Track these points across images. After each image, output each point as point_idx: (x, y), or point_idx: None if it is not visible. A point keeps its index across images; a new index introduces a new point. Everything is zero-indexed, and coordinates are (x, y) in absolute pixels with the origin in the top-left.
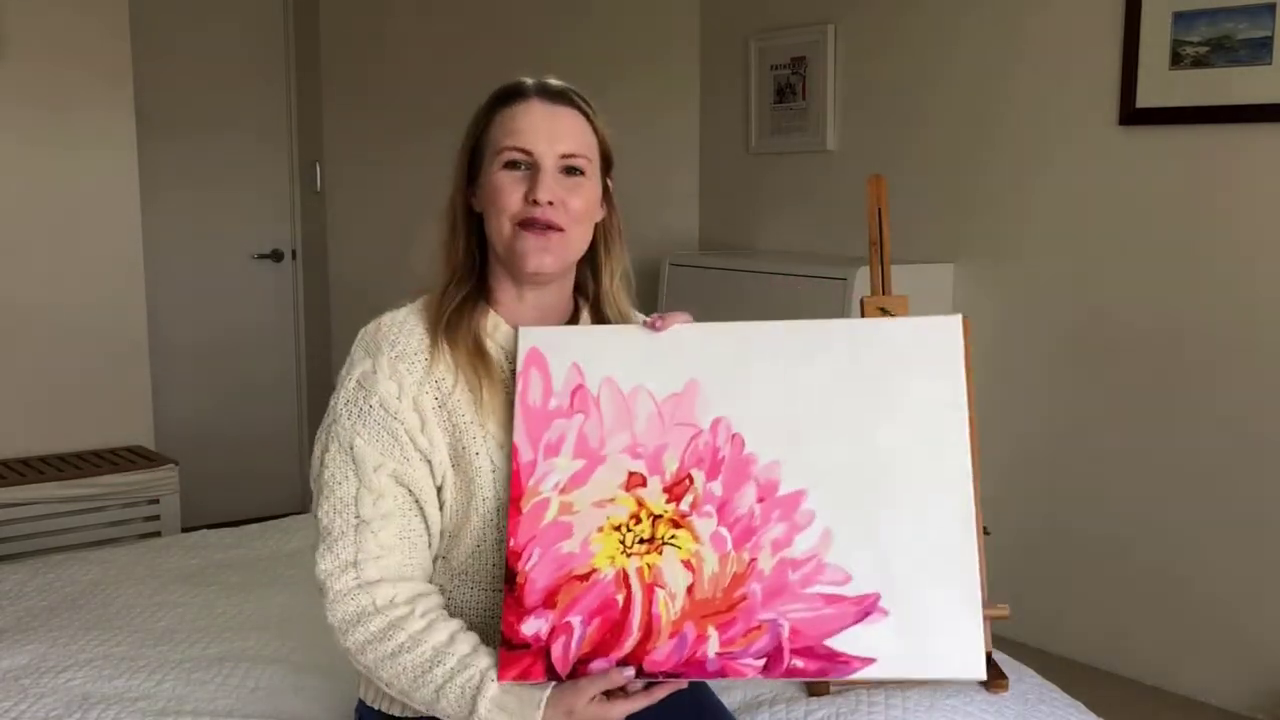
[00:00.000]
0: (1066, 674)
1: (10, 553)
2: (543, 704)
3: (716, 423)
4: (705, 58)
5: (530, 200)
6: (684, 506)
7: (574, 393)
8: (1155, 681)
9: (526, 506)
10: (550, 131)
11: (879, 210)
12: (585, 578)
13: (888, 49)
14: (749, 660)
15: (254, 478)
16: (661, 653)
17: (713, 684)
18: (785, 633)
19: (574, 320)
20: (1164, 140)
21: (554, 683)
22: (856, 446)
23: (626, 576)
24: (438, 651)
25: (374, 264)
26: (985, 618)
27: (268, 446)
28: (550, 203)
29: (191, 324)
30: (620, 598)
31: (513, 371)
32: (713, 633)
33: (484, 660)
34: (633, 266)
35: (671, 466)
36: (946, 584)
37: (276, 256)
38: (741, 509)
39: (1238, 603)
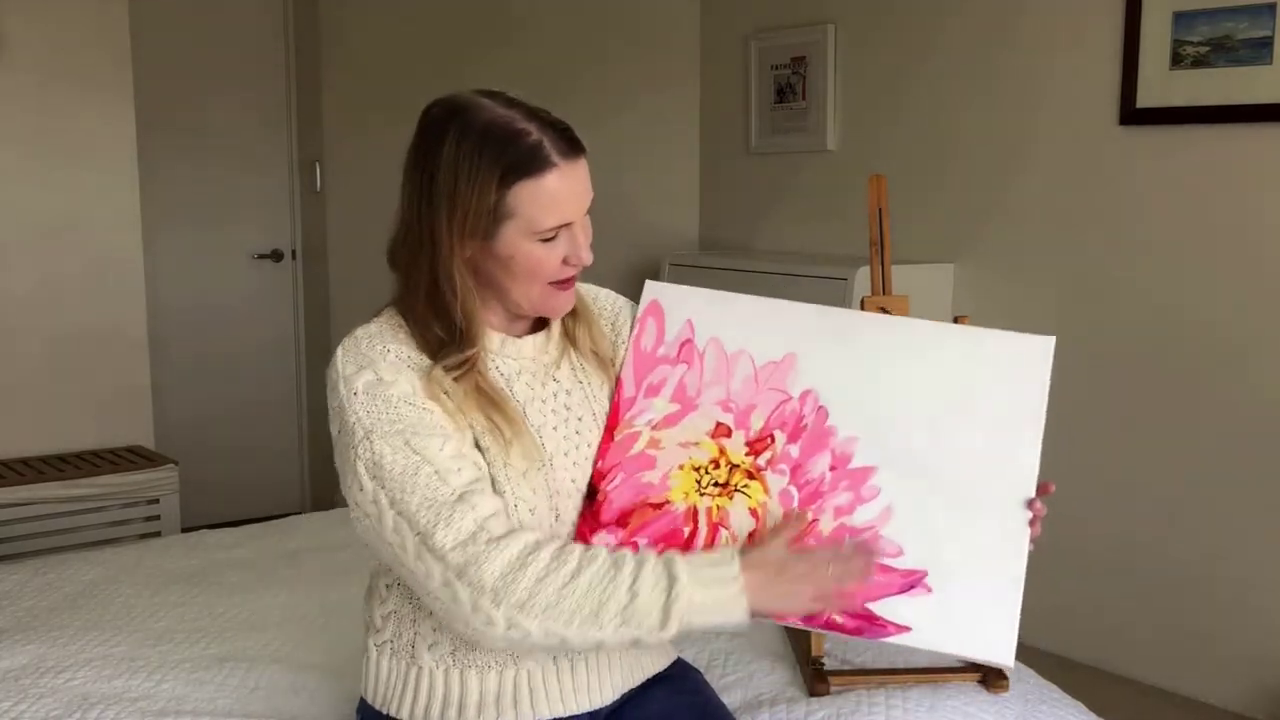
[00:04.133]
0: (1066, 674)
1: (10, 553)
2: (735, 556)
3: (806, 394)
4: (705, 58)
5: (570, 262)
6: (761, 461)
7: (682, 345)
8: (1155, 681)
9: (619, 436)
10: (581, 192)
11: (879, 210)
12: (659, 507)
13: (888, 49)
14: None
15: (254, 478)
16: None
17: (713, 684)
18: None
19: (541, 327)
20: (1164, 140)
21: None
22: (931, 439)
23: (696, 513)
24: (614, 558)
25: (374, 264)
26: None
27: (268, 447)
28: None
29: (191, 324)
30: (686, 530)
31: (516, 377)
32: None
33: (653, 551)
34: (633, 266)
35: (757, 425)
36: (991, 576)
37: (276, 256)
38: (813, 473)
39: (1238, 603)
